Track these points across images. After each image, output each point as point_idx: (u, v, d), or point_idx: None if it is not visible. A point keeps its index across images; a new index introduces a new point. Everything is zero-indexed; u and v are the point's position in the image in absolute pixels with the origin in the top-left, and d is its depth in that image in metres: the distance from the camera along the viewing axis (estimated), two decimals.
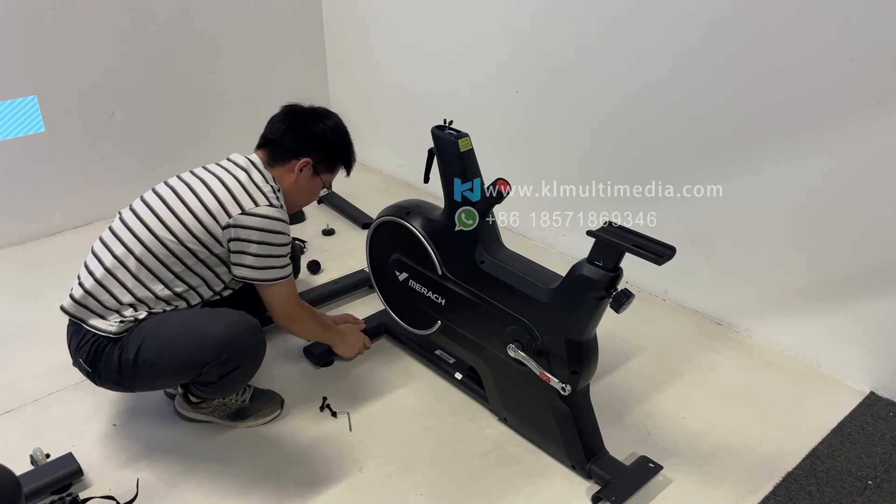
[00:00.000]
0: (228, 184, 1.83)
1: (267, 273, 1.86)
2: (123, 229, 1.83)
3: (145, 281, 1.79)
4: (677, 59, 2.33)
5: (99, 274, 1.80)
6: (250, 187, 1.84)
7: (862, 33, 1.91)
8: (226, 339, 1.73)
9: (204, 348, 1.73)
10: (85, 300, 1.79)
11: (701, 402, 2.14)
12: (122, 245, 1.81)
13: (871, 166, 2.00)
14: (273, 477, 1.86)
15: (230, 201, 1.81)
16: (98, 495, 1.78)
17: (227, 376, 1.78)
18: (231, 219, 1.79)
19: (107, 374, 1.78)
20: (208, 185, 1.83)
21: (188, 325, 1.78)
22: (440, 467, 1.89)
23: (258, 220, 1.81)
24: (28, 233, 3.08)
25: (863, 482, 1.84)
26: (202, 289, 1.88)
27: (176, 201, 1.82)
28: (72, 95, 2.99)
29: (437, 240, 2.04)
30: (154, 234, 1.79)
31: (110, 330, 1.75)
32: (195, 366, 1.74)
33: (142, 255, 1.78)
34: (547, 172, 2.92)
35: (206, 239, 1.81)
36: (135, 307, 1.78)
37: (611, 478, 1.79)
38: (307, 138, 1.94)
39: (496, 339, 1.92)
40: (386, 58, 3.53)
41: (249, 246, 1.81)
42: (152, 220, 1.81)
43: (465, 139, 1.90)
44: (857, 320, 2.16)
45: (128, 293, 1.78)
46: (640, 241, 1.58)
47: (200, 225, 1.80)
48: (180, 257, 1.80)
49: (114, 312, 1.78)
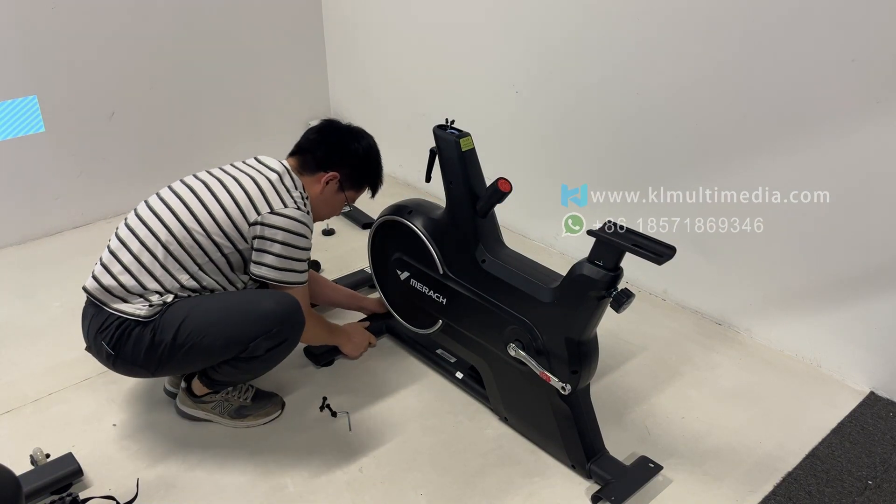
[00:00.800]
0: (260, 183, 1.85)
1: (286, 275, 1.87)
2: (151, 216, 1.83)
3: (172, 270, 1.79)
4: (677, 58, 2.34)
5: (126, 259, 1.79)
6: (281, 189, 1.87)
7: (862, 33, 1.91)
8: (277, 312, 1.78)
9: (257, 321, 1.76)
10: (109, 284, 1.78)
11: (701, 402, 2.14)
12: (150, 232, 1.81)
13: (871, 166, 2.00)
14: (273, 477, 1.86)
15: (261, 199, 1.83)
16: (98, 495, 1.78)
17: (274, 349, 1.81)
18: (259, 216, 1.81)
19: (133, 356, 1.77)
20: (240, 181, 1.85)
21: (235, 302, 1.81)
22: (440, 467, 1.89)
23: (285, 221, 1.82)
24: (28, 233, 3.08)
25: (863, 482, 1.84)
26: (225, 284, 1.88)
27: (206, 193, 1.84)
28: (72, 95, 2.99)
29: (438, 239, 2.04)
30: (182, 224, 1.80)
31: (139, 314, 1.74)
32: (244, 340, 1.76)
33: (168, 244, 1.79)
34: (547, 172, 2.93)
35: (233, 233, 1.82)
36: (161, 293, 1.78)
37: (611, 478, 1.79)
38: (338, 153, 1.98)
39: (497, 338, 1.92)
40: (386, 58, 3.53)
41: (273, 245, 1.82)
42: (181, 209, 1.82)
43: (466, 139, 1.90)
44: (857, 320, 2.16)
45: (154, 281, 1.78)
46: (640, 240, 1.58)
47: (228, 219, 1.81)
48: (206, 250, 1.81)
49: (138, 297, 1.77)
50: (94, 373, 2.22)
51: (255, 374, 1.95)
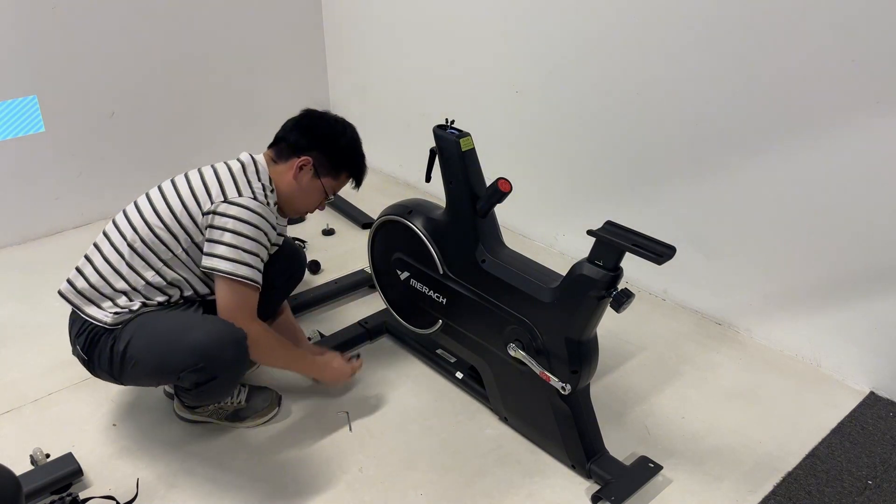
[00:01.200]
0: (220, 173, 1.83)
1: (238, 268, 1.73)
2: (122, 218, 1.86)
3: (137, 267, 1.80)
4: (677, 58, 2.34)
5: (97, 261, 1.82)
6: (241, 179, 1.81)
7: (862, 33, 1.91)
8: (203, 347, 1.65)
9: (180, 353, 1.66)
10: (82, 287, 1.80)
11: (701, 402, 2.14)
12: (118, 233, 1.83)
13: (871, 166, 2.00)
14: (273, 477, 1.86)
15: (216, 189, 1.79)
16: (98, 495, 1.78)
17: (203, 385, 1.70)
18: (212, 205, 1.77)
19: (100, 364, 1.79)
20: (202, 173, 1.85)
21: (172, 327, 1.73)
22: (440, 467, 1.89)
23: (238, 210, 1.75)
24: (28, 233, 3.08)
25: (863, 482, 1.84)
26: (193, 281, 1.86)
27: (169, 188, 1.84)
28: (72, 95, 2.99)
29: (438, 239, 2.04)
30: (145, 220, 1.81)
31: (105, 321, 1.76)
32: (171, 370, 1.68)
33: (133, 241, 1.80)
34: (547, 171, 2.93)
35: (189, 225, 1.79)
36: (128, 295, 1.78)
37: (610, 477, 1.79)
38: (311, 136, 1.91)
39: (497, 338, 1.92)
40: (386, 57, 3.53)
41: (223, 234, 1.74)
42: (145, 206, 1.84)
43: (466, 138, 1.90)
44: (857, 320, 2.16)
45: (121, 279, 1.79)
46: (640, 240, 1.58)
47: (184, 209, 1.79)
48: (167, 244, 1.80)
49: (107, 300, 1.78)
50: None
51: (214, 399, 1.88)
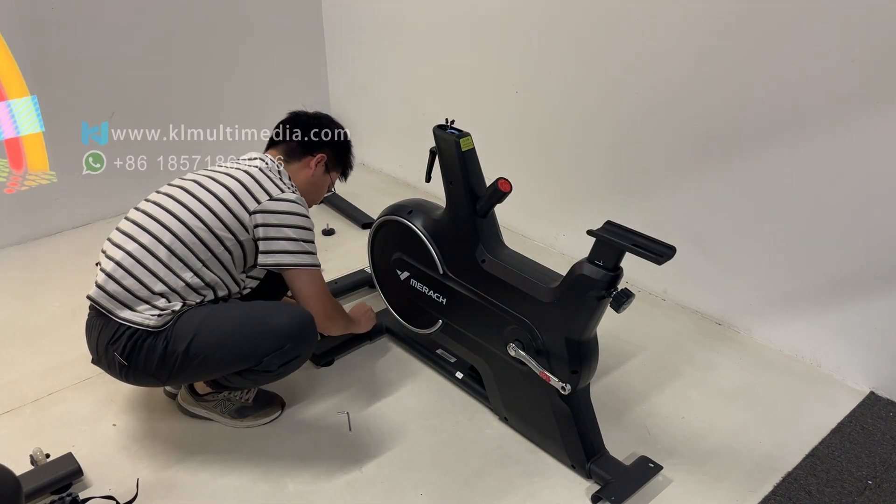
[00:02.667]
0: (252, 173, 1.90)
1: (302, 258, 1.88)
2: (148, 220, 1.83)
3: (176, 269, 1.79)
4: (677, 59, 2.34)
5: (128, 264, 1.78)
6: (273, 176, 1.91)
7: (862, 33, 1.91)
8: (287, 330, 1.80)
9: (269, 337, 1.78)
10: (115, 290, 1.77)
11: (701, 402, 2.14)
12: (149, 235, 1.81)
13: (871, 166, 2.00)
14: (273, 477, 1.86)
15: (256, 188, 1.86)
16: (98, 495, 1.77)
17: (286, 365, 1.82)
18: (259, 205, 1.84)
19: (146, 367, 1.76)
20: (232, 175, 1.89)
21: (247, 316, 1.81)
22: (440, 467, 1.89)
23: (288, 205, 1.86)
24: (28, 233, 3.08)
25: (863, 482, 1.84)
26: (228, 281, 1.88)
27: (201, 190, 1.86)
28: (72, 95, 2.99)
29: (438, 239, 2.04)
30: (182, 222, 1.81)
31: (149, 323, 1.74)
32: (257, 355, 1.77)
33: (171, 244, 1.79)
34: (547, 171, 2.93)
35: (234, 224, 1.83)
36: (167, 297, 1.77)
37: (610, 477, 1.79)
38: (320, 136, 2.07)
39: (497, 338, 1.92)
40: (386, 58, 3.53)
41: (281, 230, 1.85)
42: (179, 208, 1.83)
43: (466, 138, 1.90)
44: (857, 320, 2.16)
45: (159, 282, 1.77)
46: (640, 240, 1.58)
47: (227, 210, 1.83)
48: (208, 245, 1.81)
49: (144, 303, 1.76)
50: (95, 373, 2.22)
51: (264, 383, 1.97)
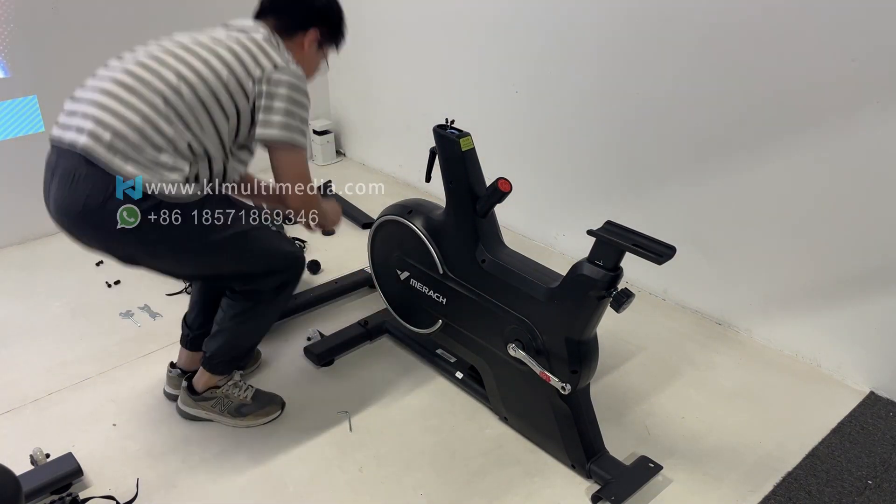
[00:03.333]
0: (258, 39, 1.79)
1: (293, 136, 1.77)
2: (148, 74, 1.71)
3: (179, 129, 1.68)
4: (677, 59, 2.34)
5: (128, 115, 1.66)
6: (276, 46, 1.81)
7: (862, 33, 1.91)
8: (292, 256, 1.94)
9: (279, 257, 1.90)
10: (118, 143, 1.64)
11: (701, 402, 2.14)
12: (147, 87, 1.69)
13: (871, 166, 2.00)
14: (273, 477, 1.86)
15: (262, 55, 1.76)
16: (98, 495, 1.78)
17: (283, 288, 1.93)
18: (263, 72, 1.74)
19: (171, 234, 1.68)
20: (239, 39, 1.78)
21: (268, 237, 1.91)
22: (440, 467, 1.89)
23: (291, 77, 1.76)
24: (28, 233, 3.08)
25: (863, 482, 1.84)
26: (216, 161, 1.77)
27: (204, 51, 1.75)
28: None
29: (438, 239, 2.04)
30: (184, 79, 1.70)
31: (182, 194, 1.66)
32: (267, 270, 1.88)
33: (176, 103, 1.68)
34: (547, 171, 2.93)
35: (235, 87, 1.73)
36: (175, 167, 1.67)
37: (610, 477, 1.79)
38: (315, 11, 1.92)
39: (497, 338, 1.92)
40: (386, 58, 3.53)
41: (280, 101, 1.75)
42: (177, 65, 1.72)
43: (466, 138, 1.90)
44: (857, 320, 2.16)
45: (164, 139, 1.66)
46: (640, 240, 1.58)
47: (231, 73, 1.73)
48: (208, 108, 1.71)
49: (149, 162, 1.65)
50: (95, 373, 2.23)
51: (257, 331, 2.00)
